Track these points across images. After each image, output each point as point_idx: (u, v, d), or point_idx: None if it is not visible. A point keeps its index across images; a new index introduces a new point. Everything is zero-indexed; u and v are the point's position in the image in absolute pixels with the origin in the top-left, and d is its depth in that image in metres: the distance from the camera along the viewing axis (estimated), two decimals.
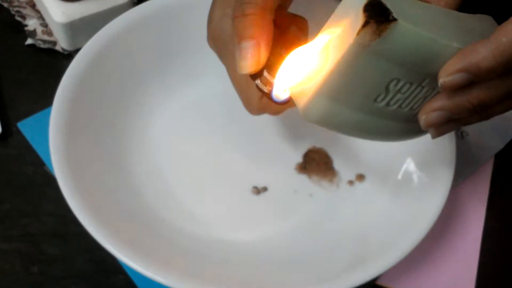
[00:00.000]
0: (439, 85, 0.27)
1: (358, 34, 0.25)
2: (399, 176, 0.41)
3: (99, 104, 0.42)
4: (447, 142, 0.40)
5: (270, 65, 0.30)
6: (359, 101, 0.28)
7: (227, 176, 0.42)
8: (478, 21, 0.29)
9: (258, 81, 0.30)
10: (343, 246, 0.39)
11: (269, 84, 0.30)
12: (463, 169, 0.44)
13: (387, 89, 0.28)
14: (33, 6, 0.50)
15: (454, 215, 0.42)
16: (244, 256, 0.38)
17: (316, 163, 0.43)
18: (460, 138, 0.46)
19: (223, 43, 0.34)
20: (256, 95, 0.33)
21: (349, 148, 0.44)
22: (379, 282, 0.39)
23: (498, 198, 0.44)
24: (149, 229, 0.38)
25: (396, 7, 0.25)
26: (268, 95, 0.30)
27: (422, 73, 0.28)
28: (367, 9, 0.24)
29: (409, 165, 0.41)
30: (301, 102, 0.28)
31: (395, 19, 0.24)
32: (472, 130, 0.46)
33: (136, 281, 0.38)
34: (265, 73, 0.30)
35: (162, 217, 0.39)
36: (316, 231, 0.40)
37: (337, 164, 0.43)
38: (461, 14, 0.29)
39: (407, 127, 0.31)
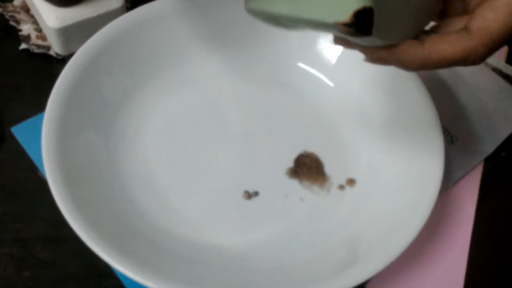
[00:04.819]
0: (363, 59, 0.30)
1: None
2: (389, 181, 0.41)
3: (92, 109, 0.42)
4: (436, 146, 0.40)
5: None
6: None
7: (218, 180, 0.42)
8: None
9: None
10: (333, 250, 0.39)
11: None
12: (453, 173, 0.44)
13: None
14: (27, 11, 0.50)
15: (443, 218, 0.42)
16: (235, 260, 0.38)
17: (307, 168, 0.43)
18: (450, 143, 0.46)
19: None
20: None
21: (340, 152, 0.44)
22: (368, 285, 0.39)
23: (488, 202, 0.44)
24: (140, 234, 0.38)
25: None
26: None
27: None
28: None
29: (399, 169, 0.42)
30: None
31: None
32: (462, 134, 0.46)
33: (127, 285, 0.39)
34: None
35: (153, 222, 0.40)
36: (306, 235, 0.40)
37: (328, 169, 0.44)
38: None
39: None
